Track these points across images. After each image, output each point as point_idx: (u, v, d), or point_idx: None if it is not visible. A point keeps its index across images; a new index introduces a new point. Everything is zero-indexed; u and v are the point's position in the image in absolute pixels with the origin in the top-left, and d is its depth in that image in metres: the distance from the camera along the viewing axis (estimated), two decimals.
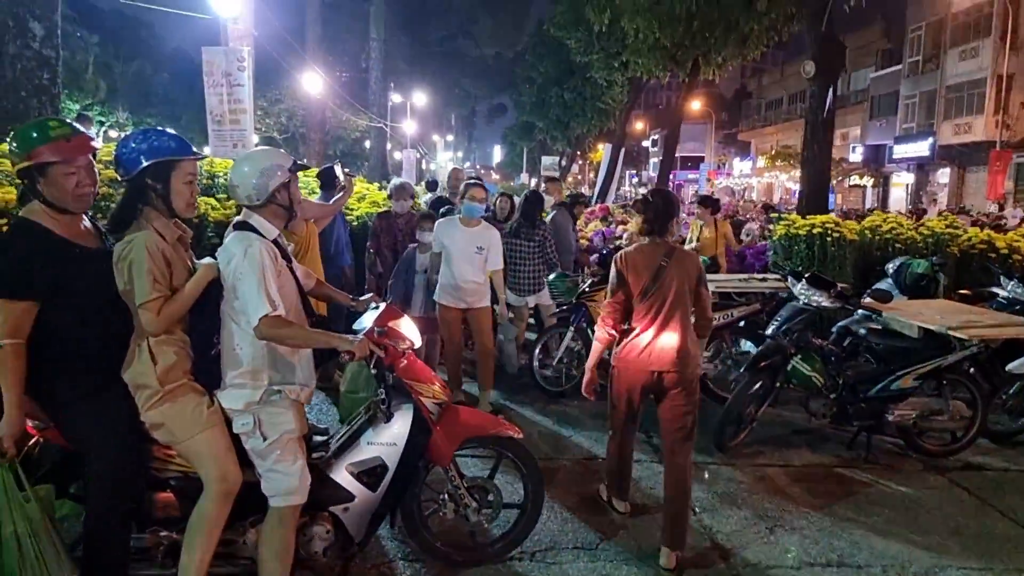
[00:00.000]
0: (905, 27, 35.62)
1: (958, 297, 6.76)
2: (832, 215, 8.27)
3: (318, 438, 3.10)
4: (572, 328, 5.49)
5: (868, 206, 35.33)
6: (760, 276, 5.99)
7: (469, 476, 3.09)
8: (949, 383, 4.58)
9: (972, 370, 4.68)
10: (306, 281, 2.83)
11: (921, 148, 34.12)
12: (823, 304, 4.46)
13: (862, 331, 4.56)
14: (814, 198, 9.95)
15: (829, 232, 7.13)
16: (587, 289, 5.62)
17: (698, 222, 8.03)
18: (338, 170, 5.33)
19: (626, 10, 15.60)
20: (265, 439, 2.45)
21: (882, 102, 38.01)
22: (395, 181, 6.54)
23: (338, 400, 3.78)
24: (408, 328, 2.78)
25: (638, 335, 3.26)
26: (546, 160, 38.11)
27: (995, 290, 6.72)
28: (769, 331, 4.58)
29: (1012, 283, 5.74)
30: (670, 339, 3.22)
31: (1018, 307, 5.62)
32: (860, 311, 4.67)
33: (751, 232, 9.86)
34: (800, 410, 4.91)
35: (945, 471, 4.53)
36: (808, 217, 7.46)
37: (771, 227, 9.75)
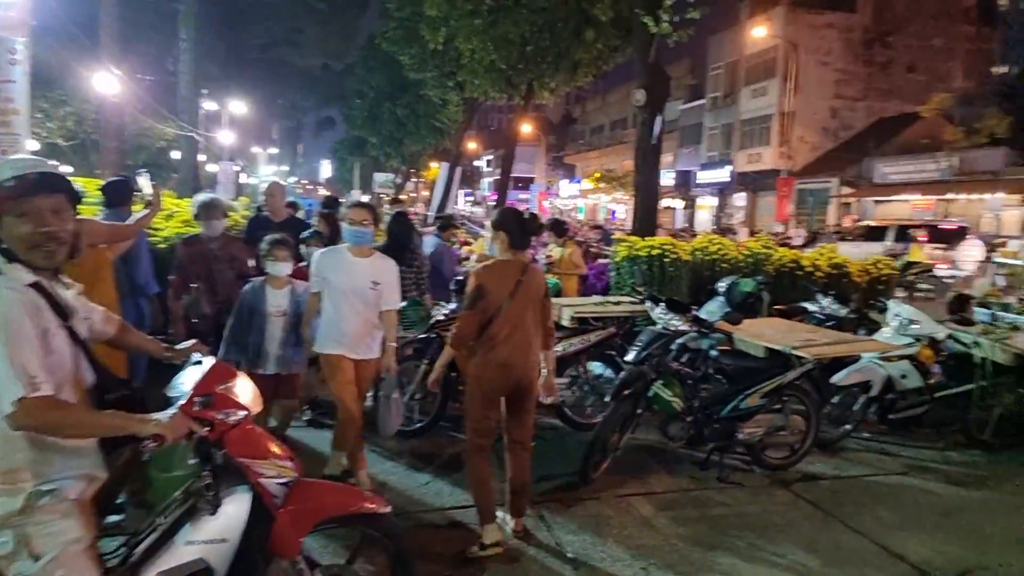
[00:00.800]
0: (707, 66, 39.52)
1: (776, 312, 7.33)
2: (666, 236, 8.65)
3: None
4: (426, 362, 5.07)
5: (678, 227, 38.37)
6: (615, 299, 6.01)
7: (324, 565, 2.53)
8: (788, 398, 4.81)
9: (806, 385, 4.97)
10: (103, 328, 2.18)
11: (722, 174, 37.92)
12: (680, 328, 4.49)
13: (713, 353, 4.66)
14: (645, 219, 10.44)
15: (667, 253, 7.40)
16: (442, 318, 5.28)
17: (551, 245, 8.03)
18: (143, 181, 4.47)
19: (461, 31, 15.62)
20: (38, 559, 1.77)
21: (689, 132, 41.75)
22: (200, 198, 5.12)
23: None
24: (244, 391, 2.16)
25: (499, 344, 3.48)
26: (380, 177, 37.22)
27: (805, 305, 7.37)
28: (630, 357, 4.53)
29: (827, 300, 6.25)
30: (526, 347, 3.56)
31: (831, 322, 6.13)
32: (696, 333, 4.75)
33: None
34: (652, 431, 4.93)
35: (788, 484, 4.73)
36: (647, 239, 7.71)
37: (608, 247, 10.06)
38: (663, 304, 4.60)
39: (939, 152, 25.17)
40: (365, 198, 5.37)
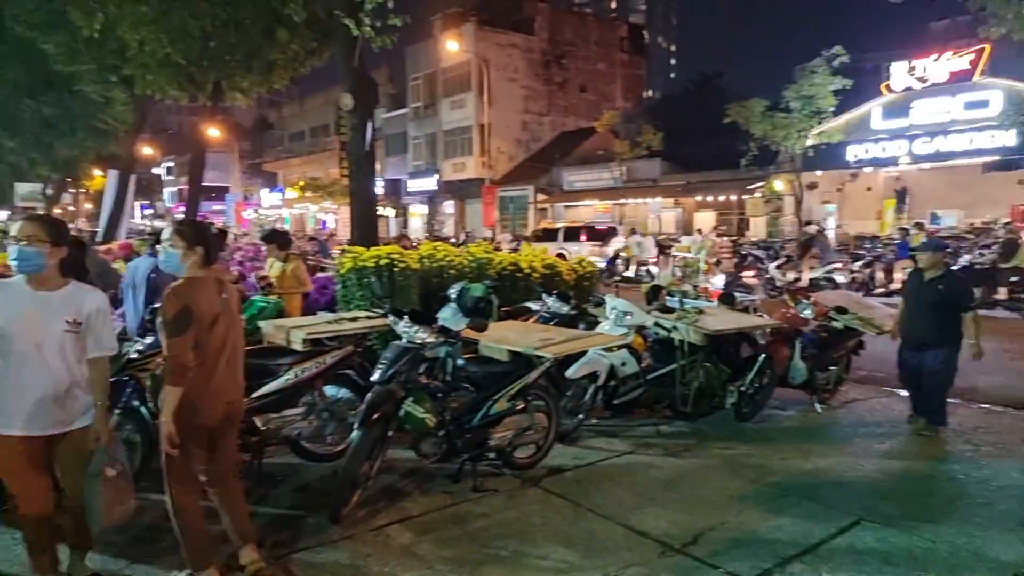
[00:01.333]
0: (406, 75, 40.36)
1: (504, 314, 7.58)
2: (394, 245, 8.42)
3: None
4: (119, 410, 4.11)
5: (393, 234, 38.63)
6: (351, 315, 5.57)
7: None
8: (532, 398, 4.92)
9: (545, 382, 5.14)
10: None
11: (430, 183, 39.10)
12: (427, 340, 4.28)
13: (460, 362, 4.54)
14: (365, 228, 10.11)
15: (395, 262, 7.17)
16: (136, 356, 4.34)
17: (271, 260, 7.22)
18: None
19: (124, 18, 13.37)
20: None
21: (395, 141, 42.26)
22: None
23: None
24: None
25: (209, 369, 3.22)
26: (23, 188, 30.64)
27: (529, 305, 7.75)
28: (376, 376, 4.18)
29: (551, 299, 6.60)
30: (236, 370, 3.38)
31: (556, 319, 6.50)
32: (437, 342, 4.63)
33: None
34: (399, 450, 4.68)
35: (537, 482, 4.83)
36: (373, 248, 7.39)
37: (328, 259, 9.50)
38: (407, 317, 4.35)
39: (612, 162, 29.14)
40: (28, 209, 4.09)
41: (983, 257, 13.76)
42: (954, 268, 12.68)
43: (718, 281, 8.55)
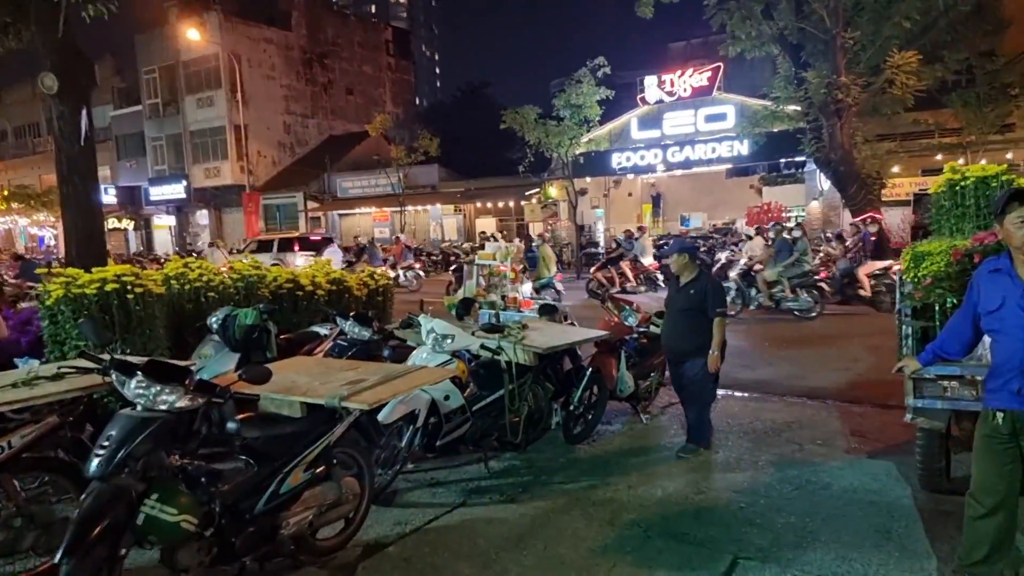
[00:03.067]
0: (138, 68, 35.23)
1: (284, 342, 6.17)
2: (128, 264, 6.51)
3: None
4: None
5: (133, 250, 33.53)
6: (54, 369, 3.77)
7: None
8: (337, 459, 3.71)
9: (353, 433, 3.95)
10: None
11: (177, 190, 34.52)
12: (178, 405, 2.86)
13: (232, 426, 3.18)
14: (88, 244, 7.89)
15: (130, 287, 5.39)
16: None
17: None
18: None
19: None
20: None
21: (129, 142, 36.73)
22: None
23: None
24: None
25: None
26: None
27: (317, 329, 6.41)
28: (94, 468, 2.69)
29: (348, 322, 5.37)
30: None
31: (355, 347, 5.29)
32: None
33: None
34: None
35: (351, 570, 3.65)
36: (97, 270, 5.52)
37: (34, 285, 7.23)
38: (139, 374, 2.88)
39: (388, 168, 27.96)
40: None
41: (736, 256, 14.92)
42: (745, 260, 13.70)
43: (526, 290, 7.94)
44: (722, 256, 15.68)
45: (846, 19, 15.38)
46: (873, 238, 13.24)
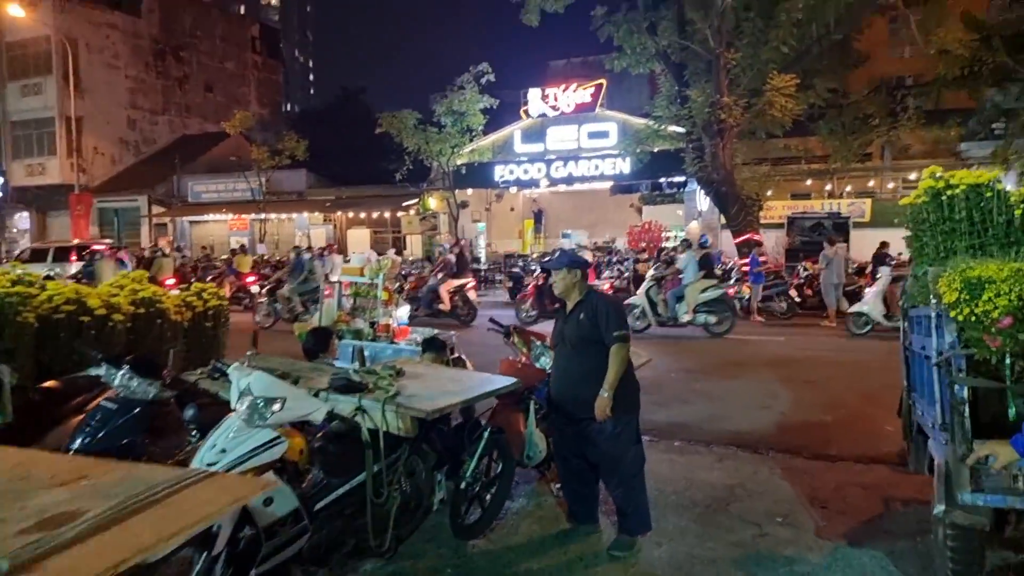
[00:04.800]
0: None
1: (43, 396, 4.22)
2: None
3: None
4: None
5: None
6: None
7: None
8: None
9: None
10: None
11: None
12: None
13: None
14: None
15: None
16: None
17: None
18: None
19: None
20: None
21: None
22: None
23: None
24: None
25: None
26: None
27: (99, 373, 4.46)
28: None
29: (122, 372, 3.51)
30: None
31: (131, 414, 3.44)
32: None
33: None
34: None
35: None
36: None
37: None
38: None
39: (249, 171, 25.15)
40: None
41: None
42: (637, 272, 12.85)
43: (403, 314, 6.33)
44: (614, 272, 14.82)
45: (728, 40, 15.26)
46: (453, 257, 14.12)
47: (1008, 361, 2.50)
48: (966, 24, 13.51)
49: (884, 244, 13.37)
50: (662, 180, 21.04)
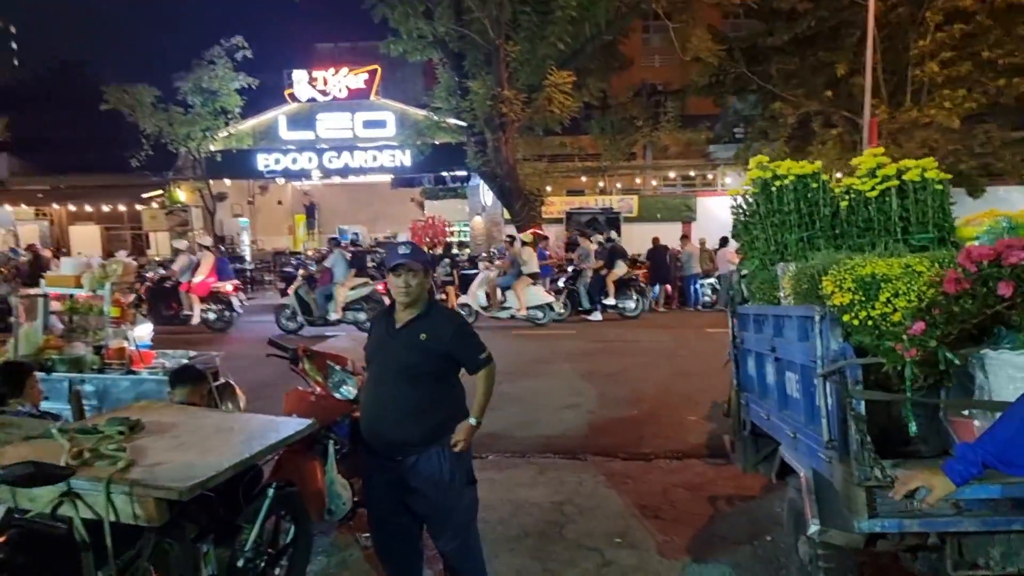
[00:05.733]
0: None
1: None
2: None
3: None
4: None
5: None
6: None
7: None
8: None
9: None
10: None
11: None
12: None
13: None
14: None
15: None
16: None
17: None
18: None
19: None
20: None
21: None
22: None
23: None
24: None
25: None
26: None
27: None
28: None
29: None
30: None
31: None
32: None
33: None
34: None
35: None
36: None
37: None
38: None
39: None
40: None
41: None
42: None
43: (143, 332, 4.79)
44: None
45: (506, 32, 15.23)
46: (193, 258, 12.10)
47: (909, 371, 2.20)
48: (713, 36, 14.86)
49: (611, 239, 14.01)
50: (445, 174, 20.64)
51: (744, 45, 14.67)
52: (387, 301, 11.47)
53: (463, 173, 19.82)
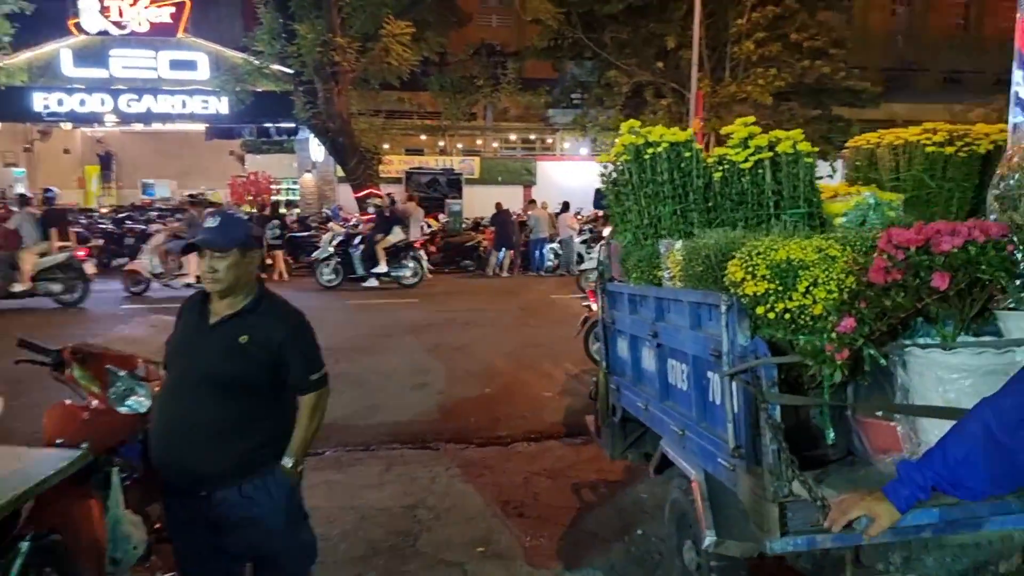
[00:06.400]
0: None
1: None
2: None
3: None
4: None
5: None
6: None
7: None
8: None
9: None
10: None
11: None
12: None
13: None
14: None
15: None
16: None
17: None
18: None
19: None
20: None
21: None
22: None
23: None
24: None
25: None
26: None
27: None
28: None
29: None
30: None
31: None
32: None
33: None
34: None
35: None
36: None
37: None
38: None
39: None
40: None
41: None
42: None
43: None
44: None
45: None
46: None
47: (828, 372, 1.93)
48: None
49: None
50: (269, 125, 18.82)
51: (581, 10, 14.62)
52: (89, 269, 10.20)
53: (290, 125, 18.17)
